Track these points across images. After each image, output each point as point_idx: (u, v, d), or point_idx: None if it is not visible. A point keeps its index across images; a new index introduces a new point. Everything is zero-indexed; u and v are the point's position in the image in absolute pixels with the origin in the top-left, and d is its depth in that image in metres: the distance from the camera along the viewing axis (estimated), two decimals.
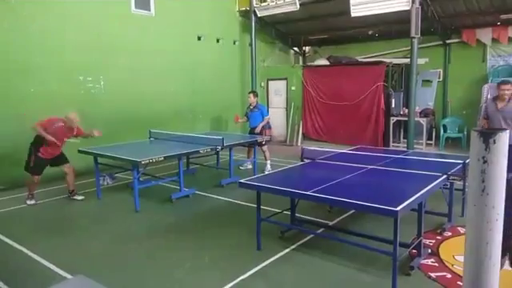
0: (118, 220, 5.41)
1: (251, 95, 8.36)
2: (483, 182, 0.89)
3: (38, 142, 5.81)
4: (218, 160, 8.17)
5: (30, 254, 4.26)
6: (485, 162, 0.88)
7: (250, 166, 8.27)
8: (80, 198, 6.33)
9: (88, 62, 8.13)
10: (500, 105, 5.29)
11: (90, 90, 8.25)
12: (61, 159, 6.15)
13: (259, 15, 11.14)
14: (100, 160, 6.29)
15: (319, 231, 4.70)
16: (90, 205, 6.14)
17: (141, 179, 6.23)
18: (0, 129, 6.88)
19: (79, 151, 6.37)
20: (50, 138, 5.68)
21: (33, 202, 6.11)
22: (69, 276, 3.67)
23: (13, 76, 7.06)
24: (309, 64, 12.66)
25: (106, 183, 6.42)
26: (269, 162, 8.15)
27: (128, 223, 5.26)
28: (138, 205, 5.67)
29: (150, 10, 9.37)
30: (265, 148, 8.10)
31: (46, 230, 5.08)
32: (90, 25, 8.12)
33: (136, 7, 9.07)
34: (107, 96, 8.49)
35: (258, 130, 8.13)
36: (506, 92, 5.23)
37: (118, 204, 6.10)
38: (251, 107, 8.36)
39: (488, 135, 0.87)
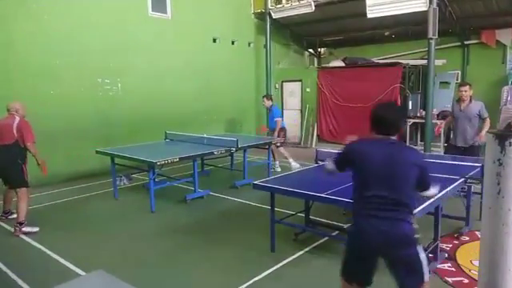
0: (134, 220, 5.49)
1: (265, 99, 8.48)
2: (499, 184, 0.87)
3: (24, 152, 5.17)
4: (232, 161, 8.20)
5: (49, 252, 4.36)
6: (500, 164, 0.87)
7: (279, 169, 8.26)
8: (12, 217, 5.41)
9: (106, 65, 8.29)
10: (462, 106, 5.66)
11: (107, 92, 8.40)
12: None
13: (274, 17, 11.16)
14: (117, 161, 6.38)
15: (334, 234, 4.67)
16: (107, 205, 6.24)
17: (156, 180, 6.30)
18: None
19: (97, 152, 6.49)
20: (38, 156, 5.20)
21: (36, 228, 5.07)
22: (85, 274, 3.74)
23: (33, 78, 7.22)
24: (324, 66, 12.60)
25: (122, 184, 6.52)
26: (277, 162, 8.32)
27: (144, 223, 5.33)
28: (154, 205, 5.74)
29: (166, 13, 9.49)
30: (281, 150, 8.26)
31: (63, 229, 5.18)
32: (108, 28, 8.27)
33: (153, 10, 9.20)
34: (124, 98, 8.63)
35: (274, 135, 8.20)
36: (464, 93, 5.60)
37: (135, 204, 6.18)
38: (268, 109, 8.51)
39: (504, 138, 0.86)
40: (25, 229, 5.01)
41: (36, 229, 5.09)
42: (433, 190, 2.59)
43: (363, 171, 2.44)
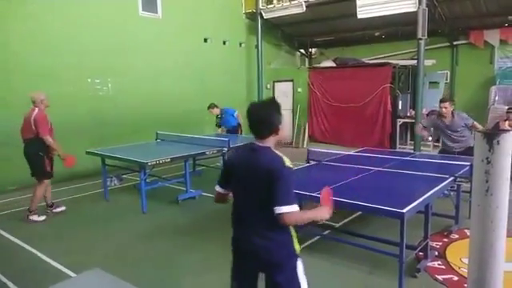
0: (126, 221, 5.45)
1: (211, 109, 8.78)
2: (487, 182, 0.89)
3: (45, 145, 5.39)
4: (223, 161, 8.18)
5: (39, 254, 4.31)
6: (489, 162, 0.89)
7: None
8: (60, 209, 5.83)
9: (96, 65, 8.21)
10: (447, 121, 5.74)
11: (97, 92, 8.33)
12: None
13: (265, 17, 11.17)
14: (107, 161, 6.33)
15: (325, 233, 4.70)
16: (97, 206, 6.18)
17: (148, 180, 6.27)
18: (13, 130, 6.94)
19: (87, 152, 6.43)
20: (57, 148, 5.40)
21: (43, 217, 5.48)
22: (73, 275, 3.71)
23: (27, 78, 7.13)
24: (315, 66, 12.65)
25: (113, 184, 6.47)
26: None
27: (135, 224, 5.30)
28: (145, 206, 5.71)
29: (157, 13, 9.45)
30: None
31: (54, 231, 5.13)
32: (98, 28, 8.20)
33: (143, 10, 9.15)
34: (115, 98, 8.57)
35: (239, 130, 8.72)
36: (444, 110, 5.69)
37: (125, 205, 6.14)
38: (220, 116, 8.83)
39: (492, 136, 0.88)
40: (32, 217, 5.37)
41: (43, 217, 5.45)
42: (286, 209, 2.03)
43: (232, 180, 2.31)
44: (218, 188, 2.45)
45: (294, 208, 2.06)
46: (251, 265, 2.27)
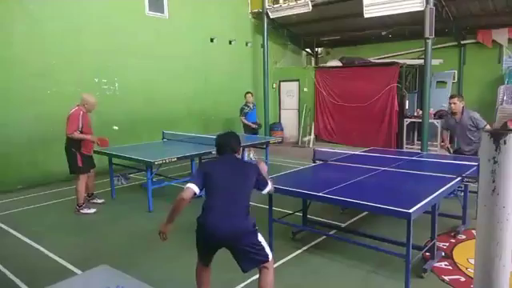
0: (132, 220, 5.49)
1: (248, 95, 9.05)
2: (493, 182, 0.89)
3: (78, 141, 5.57)
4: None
5: (46, 251, 4.36)
6: (495, 162, 0.88)
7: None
8: (100, 201, 6.18)
9: (103, 65, 8.27)
10: (457, 118, 5.72)
11: (104, 92, 8.38)
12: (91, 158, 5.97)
13: (271, 17, 11.18)
14: (114, 160, 6.37)
15: (331, 233, 4.69)
16: (104, 205, 6.22)
17: (154, 179, 6.29)
18: (17, 130, 7.05)
19: (94, 152, 6.47)
20: (88, 137, 5.63)
21: (93, 210, 5.75)
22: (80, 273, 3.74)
23: (30, 78, 7.21)
24: (321, 65, 12.63)
25: (120, 183, 6.51)
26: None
27: (142, 223, 5.33)
28: (152, 205, 5.74)
29: (163, 13, 9.49)
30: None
31: (61, 228, 5.18)
32: (105, 28, 8.25)
33: (150, 10, 9.19)
34: (122, 98, 8.61)
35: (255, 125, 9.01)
36: (453, 105, 5.69)
37: (132, 204, 6.18)
38: (251, 106, 9.02)
39: (498, 136, 0.88)
40: (83, 211, 5.65)
41: (93, 210, 5.73)
42: (269, 187, 3.30)
43: (213, 181, 3.04)
44: (196, 189, 3.07)
45: (271, 183, 3.32)
46: (224, 243, 2.93)
